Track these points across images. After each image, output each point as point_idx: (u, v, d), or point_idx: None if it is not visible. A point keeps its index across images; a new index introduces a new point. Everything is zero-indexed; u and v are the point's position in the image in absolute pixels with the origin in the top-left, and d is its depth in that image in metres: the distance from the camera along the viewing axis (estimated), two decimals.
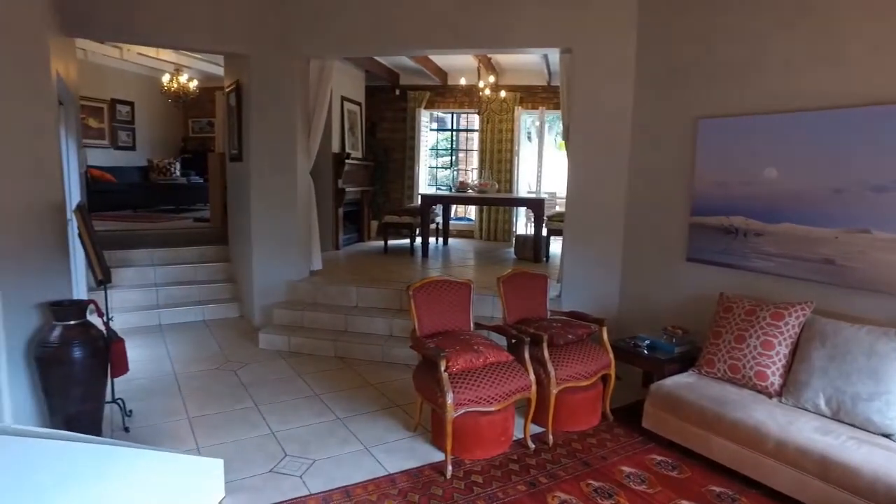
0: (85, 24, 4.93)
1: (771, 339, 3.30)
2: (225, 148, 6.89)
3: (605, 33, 4.69)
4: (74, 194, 5.38)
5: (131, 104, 11.27)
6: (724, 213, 3.97)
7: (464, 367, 3.16)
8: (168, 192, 10.12)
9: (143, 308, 5.89)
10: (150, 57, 10.28)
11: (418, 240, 7.53)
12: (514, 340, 3.62)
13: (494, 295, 5.02)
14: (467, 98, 9.38)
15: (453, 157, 10.33)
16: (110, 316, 3.39)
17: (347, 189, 7.72)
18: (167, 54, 10.09)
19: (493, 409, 3.19)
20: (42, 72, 3.39)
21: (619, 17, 4.64)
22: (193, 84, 9.97)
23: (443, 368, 3.06)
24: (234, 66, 6.08)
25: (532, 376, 3.36)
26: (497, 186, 8.02)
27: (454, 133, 10.30)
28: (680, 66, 4.31)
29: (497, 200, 7.91)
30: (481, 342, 3.35)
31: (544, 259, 7.14)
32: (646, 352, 3.95)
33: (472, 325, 3.74)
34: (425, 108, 9.43)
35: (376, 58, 8.27)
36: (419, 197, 9.59)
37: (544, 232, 7.19)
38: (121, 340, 3.30)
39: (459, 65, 8.54)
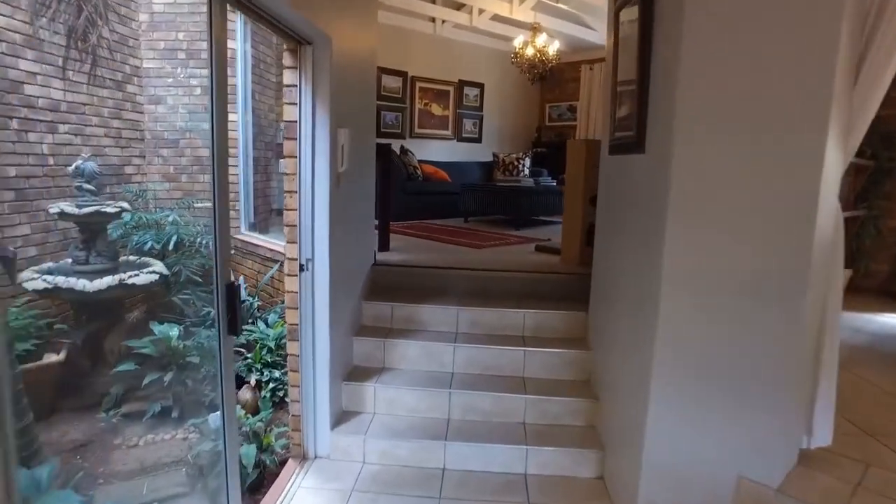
0: None
1: None
2: (603, 131, 3.64)
3: None
4: (321, 204, 2.85)
5: (480, 86, 9.18)
6: None
7: None
8: (509, 196, 7.36)
9: (420, 433, 3.08)
10: (503, 21, 7.89)
11: None
12: None
13: None
14: None
15: None
16: None
17: None
18: (523, 12, 7.51)
19: None
20: None
21: None
22: (553, 47, 7.14)
23: None
24: None
25: None
26: None
27: None
28: None
29: None
30: None
31: None
32: None
33: None
34: None
35: None
36: None
37: None
38: None
39: None
